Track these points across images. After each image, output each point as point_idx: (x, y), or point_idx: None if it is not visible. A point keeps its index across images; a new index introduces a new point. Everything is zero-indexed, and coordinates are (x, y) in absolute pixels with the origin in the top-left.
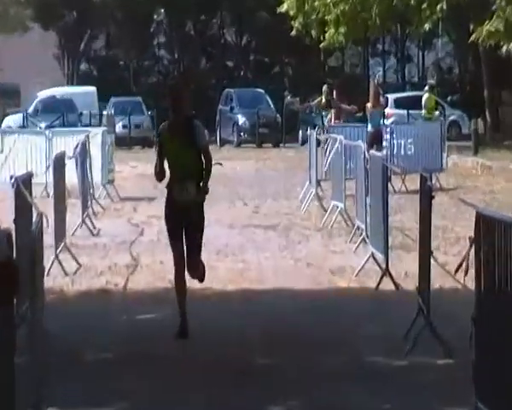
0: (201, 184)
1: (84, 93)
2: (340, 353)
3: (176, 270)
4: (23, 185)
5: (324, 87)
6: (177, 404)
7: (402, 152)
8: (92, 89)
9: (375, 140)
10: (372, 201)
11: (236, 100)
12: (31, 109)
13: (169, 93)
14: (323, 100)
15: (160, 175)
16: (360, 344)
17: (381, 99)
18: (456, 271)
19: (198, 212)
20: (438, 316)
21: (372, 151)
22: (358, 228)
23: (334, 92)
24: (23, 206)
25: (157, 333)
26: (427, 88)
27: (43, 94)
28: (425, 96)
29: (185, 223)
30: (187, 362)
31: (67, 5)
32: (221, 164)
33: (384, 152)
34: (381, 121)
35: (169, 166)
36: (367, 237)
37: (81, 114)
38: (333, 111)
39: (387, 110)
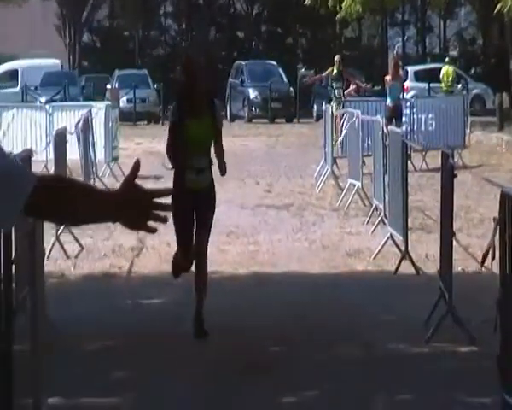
0: (218, 165)
1: (47, 66)
2: (358, 339)
3: (179, 257)
4: (22, 163)
5: (337, 57)
6: (181, 393)
7: (422, 128)
8: (56, 62)
9: (395, 115)
10: (391, 179)
11: (247, 73)
12: None
13: (185, 67)
14: (335, 70)
15: (175, 153)
16: (379, 330)
17: (401, 72)
18: (483, 261)
19: (212, 191)
20: (460, 301)
21: (391, 127)
22: (376, 208)
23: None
24: None
25: (163, 319)
26: (446, 60)
27: (3, 67)
28: (443, 69)
29: (197, 205)
30: (193, 349)
31: None
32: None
33: (404, 128)
34: (401, 95)
35: (183, 145)
36: (385, 217)
37: (83, 87)
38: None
39: (407, 83)
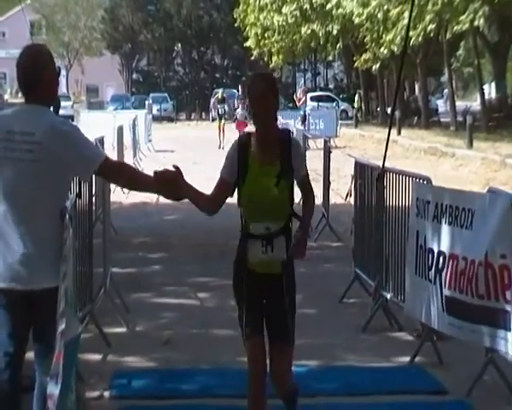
0: (301, 222)
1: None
2: None
3: (253, 376)
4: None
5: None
6: (183, 265)
7: (314, 126)
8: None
9: (303, 119)
10: None
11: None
12: None
13: (252, 89)
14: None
15: (211, 205)
16: None
17: (305, 96)
18: (346, 197)
19: (288, 280)
20: (332, 219)
21: (297, 126)
22: None
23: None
24: None
25: (173, 227)
26: (358, 92)
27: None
28: (356, 96)
29: (268, 298)
30: (187, 243)
31: (125, 40)
32: None
33: (305, 126)
34: (305, 109)
35: (244, 206)
36: None
37: (133, 102)
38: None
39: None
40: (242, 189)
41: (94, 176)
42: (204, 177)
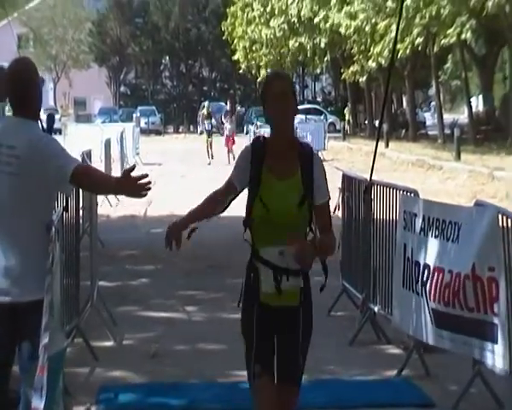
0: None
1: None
2: None
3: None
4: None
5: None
6: (171, 278)
7: (301, 139)
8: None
9: None
10: None
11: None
12: None
13: (269, 88)
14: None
15: (218, 203)
16: None
17: None
18: (334, 210)
19: (305, 313)
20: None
21: None
22: None
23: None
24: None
25: (161, 239)
26: (348, 104)
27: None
28: (346, 109)
29: (280, 333)
30: (175, 256)
31: (113, 53)
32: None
33: None
34: None
35: (255, 225)
36: None
37: (121, 115)
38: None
39: None
40: (254, 205)
41: (80, 189)
42: (192, 190)
